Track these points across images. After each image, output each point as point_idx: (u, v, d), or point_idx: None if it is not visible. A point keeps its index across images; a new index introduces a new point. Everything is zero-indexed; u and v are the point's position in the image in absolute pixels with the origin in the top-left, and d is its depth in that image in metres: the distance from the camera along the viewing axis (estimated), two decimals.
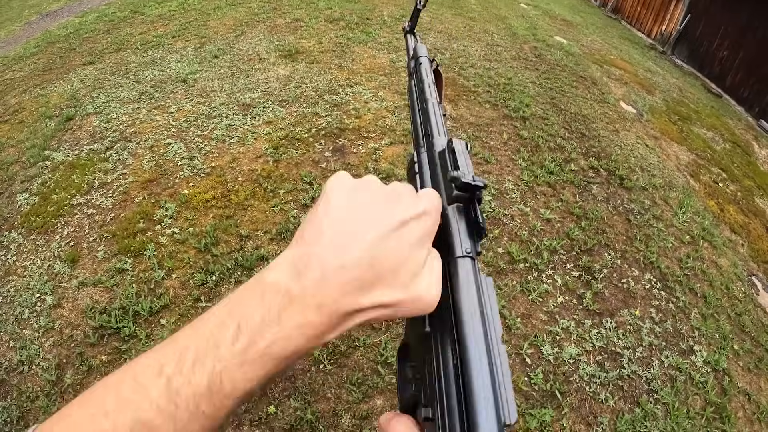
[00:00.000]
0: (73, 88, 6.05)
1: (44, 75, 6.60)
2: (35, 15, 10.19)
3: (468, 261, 0.50)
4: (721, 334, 3.67)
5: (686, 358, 3.36)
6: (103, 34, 7.99)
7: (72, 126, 5.20)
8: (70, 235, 3.77)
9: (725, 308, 3.98)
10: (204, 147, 4.68)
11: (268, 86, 5.85)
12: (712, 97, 10.88)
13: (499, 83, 6.59)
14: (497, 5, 12.28)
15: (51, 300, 3.27)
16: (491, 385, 0.41)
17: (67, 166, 4.53)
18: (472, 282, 0.48)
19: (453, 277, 0.49)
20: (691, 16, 13.42)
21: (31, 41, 8.24)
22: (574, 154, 5.27)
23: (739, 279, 4.46)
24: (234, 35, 7.56)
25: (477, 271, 0.50)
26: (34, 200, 4.16)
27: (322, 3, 9.53)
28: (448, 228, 0.54)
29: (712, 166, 6.61)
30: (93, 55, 7.06)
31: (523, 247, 3.78)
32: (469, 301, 0.47)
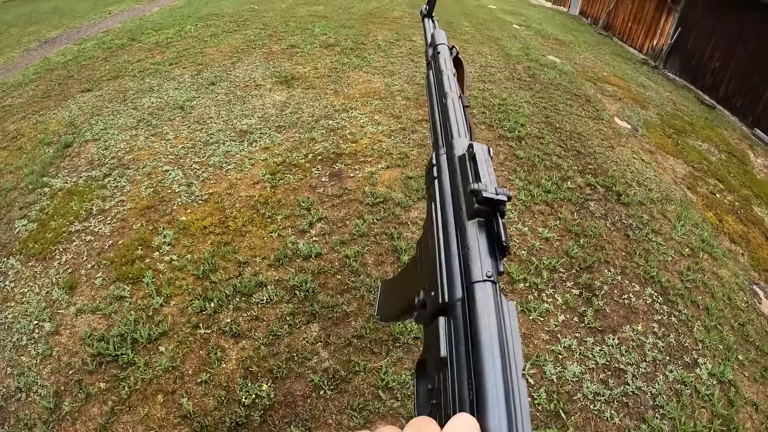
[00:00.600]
0: (72, 115, 6.14)
1: (43, 102, 6.71)
2: (34, 42, 10.39)
3: (488, 285, 0.47)
4: (725, 346, 3.66)
5: (691, 371, 3.35)
6: (102, 61, 8.13)
7: (70, 153, 5.26)
8: (68, 262, 3.79)
9: (728, 319, 3.96)
10: (202, 174, 4.72)
11: (265, 112, 5.93)
12: (705, 109, 10.95)
13: (494, 104, 6.67)
14: (490, 27, 12.44)
15: (49, 327, 3.27)
16: (507, 426, 0.38)
17: (66, 192, 4.57)
18: (492, 309, 0.46)
19: (471, 303, 0.47)
20: (682, 30, 13.56)
21: (30, 68, 8.38)
22: (570, 172, 5.31)
23: (741, 289, 4.45)
24: (230, 62, 7.68)
25: (498, 297, 0.47)
26: (32, 227, 4.18)
27: (317, 29, 9.71)
28: (468, 247, 0.51)
29: (708, 177, 6.64)
30: (91, 82, 7.18)
31: (522, 266, 3.80)
32: (488, 330, 0.44)
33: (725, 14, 12.02)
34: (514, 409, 0.39)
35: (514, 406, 0.39)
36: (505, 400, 0.39)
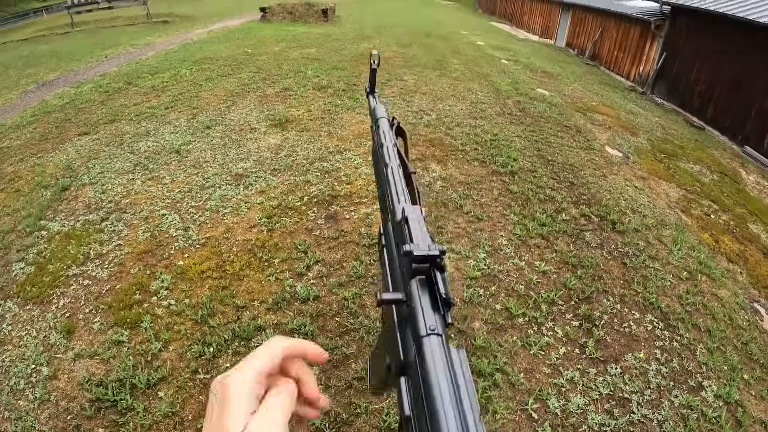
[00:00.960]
0: (69, 158, 6.21)
1: (40, 144, 6.80)
2: (32, 84, 10.60)
3: (434, 339, 0.48)
4: (729, 366, 3.67)
5: (696, 394, 3.35)
6: (98, 104, 8.28)
7: (68, 196, 5.31)
8: (66, 306, 3.79)
9: (730, 339, 3.97)
10: (198, 218, 4.77)
11: (260, 156, 6.02)
12: (695, 131, 11.11)
13: (485, 140, 6.79)
14: (479, 63, 12.67)
15: (47, 371, 3.26)
16: None
17: (63, 236, 4.60)
18: (440, 361, 0.46)
19: (420, 359, 0.47)
20: (667, 55, 13.85)
21: (28, 110, 8.54)
22: (564, 204, 5.39)
23: (742, 308, 4.47)
24: (225, 106, 7.83)
25: (446, 348, 0.48)
26: (29, 270, 4.19)
27: (310, 71, 9.92)
28: (411, 306, 0.52)
29: (702, 198, 6.72)
30: (88, 125, 7.30)
31: (520, 301, 3.84)
32: (437, 382, 0.44)
33: (708, 37, 12.30)
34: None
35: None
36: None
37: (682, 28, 13.49)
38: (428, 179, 5.56)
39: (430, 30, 19.41)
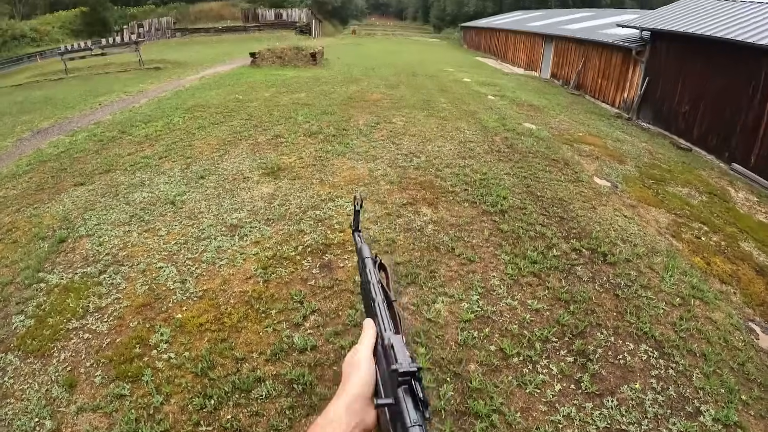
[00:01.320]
0: (65, 209, 6.24)
1: (36, 195, 6.83)
2: (27, 132, 10.65)
3: (416, 429, 0.61)
4: (726, 388, 3.69)
5: (694, 420, 3.38)
6: (93, 154, 8.35)
7: (65, 248, 5.32)
8: (67, 359, 3.80)
9: (726, 361, 4.00)
10: (195, 270, 4.79)
11: (254, 205, 6.08)
12: (681, 153, 11.26)
13: (475, 179, 6.92)
14: (466, 101, 12.89)
15: (50, 425, 3.25)
16: None
17: (62, 289, 4.61)
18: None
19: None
20: (649, 80, 14.09)
21: (24, 159, 8.59)
22: (555, 239, 5.48)
23: (737, 328, 4.50)
24: (218, 155, 7.91)
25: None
26: (29, 323, 4.19)
27: (300, 117, 10.08)
28: (400, 408, 0.65)
29: (692, 221, 6.81)
30: (84, 175, 7.35)
31: (514, 341, 3.90)
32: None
33: (688, 59, 12.56)
34: None
35: None
36: None
37: (663, 53, 13.79)
38: (419, 224, 5.65)
39: (417, 69, 19.79)
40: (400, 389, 0.68)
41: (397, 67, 19.99)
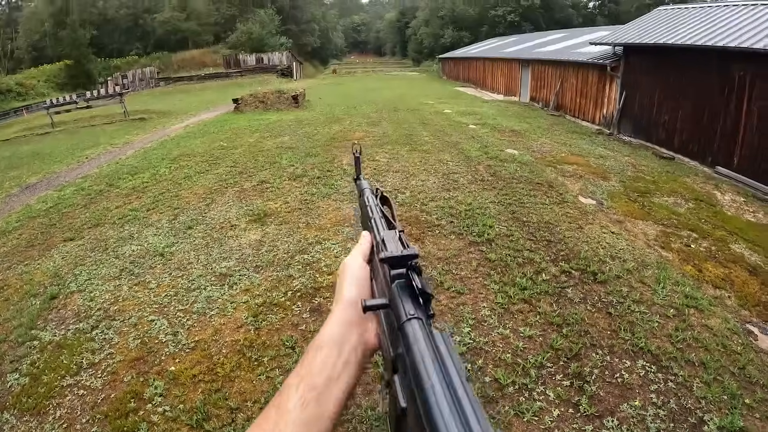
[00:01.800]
0: (56, 265, 6.20)
1: (27, 251, 6.80)
2: (15, 187, 10.63)
3: (414, 322, 0.53)
4: (729, 394, 3.67)
5: (698, 431, 3.36)
6: (81, 208, 8.33)
7: (57, 305, 5.28)
8: (63, 416, 3.75)
9: (726, 367, 3.98)
10: (186, 321, 4.76)
11: (242, 253, 6.05)
12: (665, 162, 11.36)
13: (460, 211, 6.94)
14: (448, 132, 13.00)
15: None
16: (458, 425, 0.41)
17: (55, 346, 4.57)
18: (420, 338, 0.50)
19: (404, 342, 0.52)
20: (626, 94, 14.29)
21: (13, 215, 8.56)
22: (543, 264, 5.49)
23: (734, 332, 4.49)
24: (205, 203, 7.91)
25: (427, 329, 0.52)
26: (24, 381, 4.14)
27: (285, 161, 10.12)
28: (393, 304, 0.57)
29: (680, 230, 6.86)
30: (73, 230, 7.33)
31: (509, 370, 3.87)
32: (420, 354, 0.48)
33: (663, 69, 12.79)
34: (463, 411, 0.42)
35: (462, 408, 0.42)
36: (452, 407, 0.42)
37: (637, 66, 14.04)
38: None
39: (398, 104, 20.00)
40: (393, 285, 0.60)
41: (378, 104, 20.21)
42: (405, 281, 0.59)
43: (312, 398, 0.59)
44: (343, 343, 0.65)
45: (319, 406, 0.59)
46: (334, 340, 0.65)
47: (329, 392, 0.61)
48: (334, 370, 0.62)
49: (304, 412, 0.59)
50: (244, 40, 48.76)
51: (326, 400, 0.60)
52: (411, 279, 0.59)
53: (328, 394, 0.61)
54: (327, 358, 0.63)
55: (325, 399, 0.60)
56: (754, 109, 9.79)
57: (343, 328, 0.67)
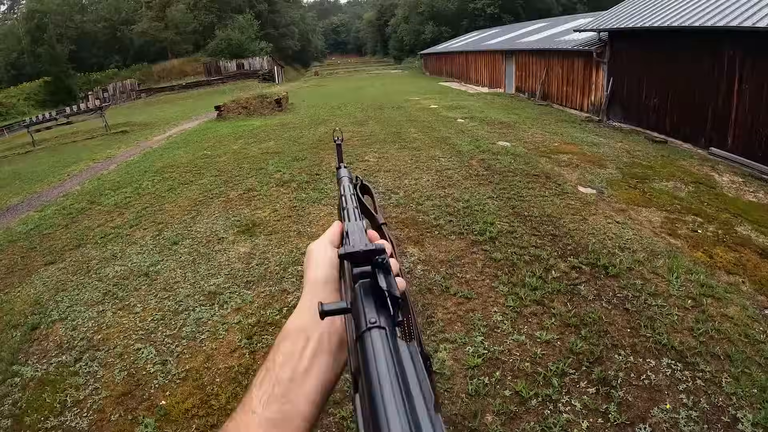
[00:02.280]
0: (36, 292, 5.88)
1: (7, 278, 6.47)
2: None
3: (374, 333, 0.44)
4: (759, 388, 3.50)
5: (733, 430, 3.18)
6: (63, 229, 8.00)
7: (38, 336, 4.97)
8: None
9: (752, 358, 3.82)
10: (175, 348, 4.47)
11: (231, 268, 5.79)
12: (658, 146, 11.24)
13: (458, 209, 6.73)
14: (437, 128, 12.85)
15: None
16: None
17: (37, 382, 4.27)
18: (380, 351, 0.42)
19: (361, 356, 0.43)
20: (614, 79, 14.14)
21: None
22: (551, 260, 5.28)
23: (755, 320, 4.33)
24: (190, 216, 7.64)
25: (390, 341, 0.44)
26: (7, 423, 3.87)
27: (271, 167, 9.90)
28: (354, 308, 0.49)
29: (684, 215, 6.69)
30: (54, 253, 6.99)
31: (529, 381, 3.64)
32: (377, 375, 0.39)
33: (650, 52, 12.65)
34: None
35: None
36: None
37: (623, 51, 13.86)
38: (407, 265, 5.41)
39: (382, 102, 19.85)
40: (357, 286, 0.51)
41: (363, 103, 20.03)
42: (370, 281, 0.51)
43: (277, 395, 0.53)
44: (310, 330, 0.58)
45: (287, 404, 0.52)
46: (300, 327, 0.59)
47: (298, 388, 0.54)
48: (301, 361, 0.55)
49: (267, 410, 0.52)
50: (224, 47, 48.31)
51: (295, 396, 0.53)
52: (374, 278, 0.50)
53: (296, 390, 0.54)
54: (293, 348, 0.57)
55: (294, 396, 0.53)
56: (746, 89, 9.61)
57: (310, 314, 0.59)
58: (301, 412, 0.52)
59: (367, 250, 0.52)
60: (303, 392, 0.53)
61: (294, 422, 0.51)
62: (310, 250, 0.69)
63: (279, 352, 0.56)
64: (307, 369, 0.55)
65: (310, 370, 0.55)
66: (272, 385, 0.53)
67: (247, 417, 0.52)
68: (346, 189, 0.87)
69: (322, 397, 0.55)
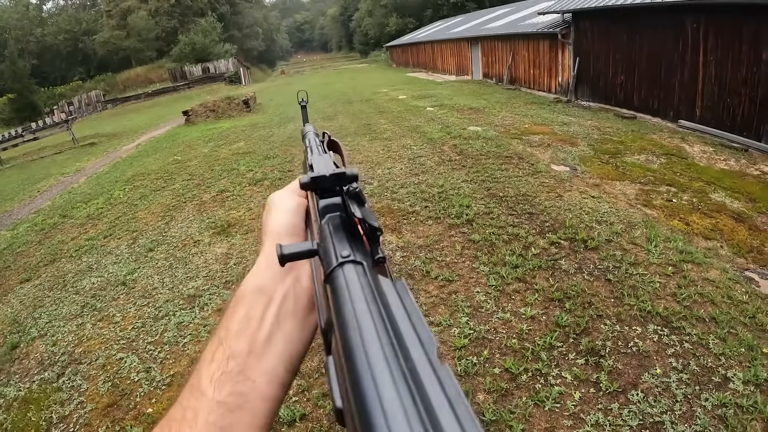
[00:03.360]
0: (14, 311, 5.72)
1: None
2: None
3: (348, 268, 0.35)
4: (746, 347, 3.53)
5: (725, 389, 3.19)
6: (36, 245, 7.80)
7: (19, 354, 4.84)
8: None
9: (737, 318, 3.85)
10: (158, 355, 4.37)
11: (209, 270, 5.69)
12: (628, 122, 11.33)
13: (433, 194, 6.70)
14: (406, 117, 12.83)
15: None
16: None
17: (21, 402, 4.14)
18: (356, 291, 0.33)
19: (332, 300, 0.34)
20: (580, 59, 14.22)
21: None
22: (530, 237, 5.27)
23: (736, 281, 4.38)
24: (164, 222, 7.51)
25: (368, 276, 0.35)
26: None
27: (243, 167, 9.80)
28: (323, 247, 0.40)
29: (658, 186, 6.74)
30: (29, 270, 6.81)
31: (518, 357, 3.61)
32: (355, 317, 0.30)
33: (614, 31, 12.74)
34: (432, 417, 0.22)
35: (431, 413, 0.22)
36: (411, 410, 0.23)
37: (588, 30, 13.93)
38: (387, 253, 5.29)
39: (351, 96, 19.81)
40: (323, 221, 0.43)
41: (331, 98, 19.92)
42: (340, 215, 0.44)
43: (232, 372, 0.43)
44: (271, 290, 0.48)
45: (244, 382, 0.43)
46: (258, 288, 0.49)
47: (257, 362, 0.44)
48: (260, 329, 0.46)
49: (221, 391, 0.43)
50: (188, 52, 47.68)
51: (254, 373, 0.44)
52: (346, 205, 0.43)
53: (255, 364, 0.44)
54: (250, 313, 0.47)
55: (253, 371, 0.44)
56: (711, 59, 9.71)
57: (271, 272, 0.49)
58: (261, 392, 0.43)
59: (335, 174, 0.45)
60: (263, 367, 0.44)
61: (253, 404, 0.43)
62: (270, 199, 0.59)
63: (233, 318, 0.47)
64: (267, 338, 0.46)
65: (271, 340, 0.46)
66: (226, 360, 0.44)
67: (196, 401, 0.43)
68: (312, 141, 0.78)
69: (288, 373, 0.46)
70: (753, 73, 8.58)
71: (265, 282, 0.49)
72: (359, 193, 0.44)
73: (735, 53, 8.97)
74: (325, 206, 0.45)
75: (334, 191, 0.46)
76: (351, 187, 0.44)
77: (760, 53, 8.35)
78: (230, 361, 0.44)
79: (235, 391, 0.42)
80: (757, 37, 8.40)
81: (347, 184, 0.45)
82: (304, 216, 0.56)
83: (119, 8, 50.62)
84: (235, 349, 0.44)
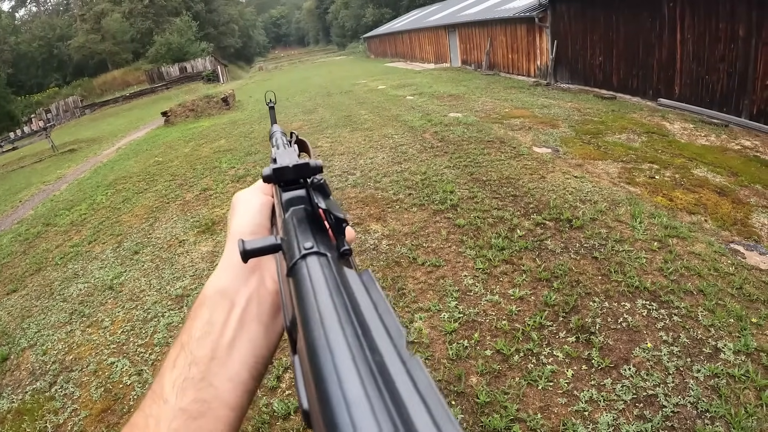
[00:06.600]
0: (2, 322, 5.64)
1: None
2: None
3: (311, 260, 0.34)
4: (734, 317, 3.57)
5: (716, 360, 3.21)
6: (21, 255, 7.69)
7: (9, 366, 4.76)
8: None
9: (725, 290, 3.89)
10: (149, 357, 4.32)
11: (196, 269, 5.65)
12: (608, 102, 11.37)
13: (416, 181, 6.68)
14: (387, 107, 12.80)
15: None
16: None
17: (15, 414, 4.08)
18: (318, 282, 0.32)
19: (294, 294, 0.33)
20: (558, 42, 14.25)
21: None
22: (515, 220, 5.26)
23: (722, 254, 4.43)
24: (148, 224, 7.43)
25: (332, 267, 0.34)
26: None
27: (225, 164, 9.72)
28: (287, 240, 0.39)
29: (640, 164, 6.78)
30: (15, 281, 6.70)
31: (509, 338, 3.60)
32: (318, 310, 0.29)
33: (590, 12, 12.80)
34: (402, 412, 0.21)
35: (400, 408, 0.21)
36: (377, 407, 0.22)
37: (564, 13, 13.96)
38: (372, 242, 5.33)
39: (330, 88, 19.72)
40: (287, 215, 0.43)
41: (311, 92, 19.83)
42: (305, 208, 0.43)
43: (195, 378, 0.42)
44: (234, 293, 0.47)
45: (207, 389, 0.41)
46: (221, 290, 0.47)
47: (220, 368, 0.43)
48: (224, 334, 0.44)
49: (182, 398, 0.41)
50: (164, 52, 47.09)
51: (217, 379, 0.42)
52: (309, 196, 0.43)
53: (218, 370, 0.42)
54: (213, 318, 0.45)
55: (216, 378, 0.42)
56: (689, 37, 9.75)
57: (233, 274, 0.48)
58: (225, 400, 0.41)
59: (298, 165, 0.44)
60: (227, 373, 0.43)
61: (217, 412, 0.41)
62: (235, 198, 0.57)
63: (196, 323, 0.46)
64: (231, 343, 0.44)
65: (234, 345, 0.44)
66: (188, 366, 0.43)
67: (158, 408, 0.42)
68: (279, 140, 0.78)
69: (253, 379, 0.44)
70: (730, 49, 8.63)
71: (228, 285, 0.48)
72: (324, 184, 0.43)
73: (712, 30, 9.01)
74: (289, 199, 0.45)
75: (298, 183, 0.46)
76: (315, 179, 0.44)
77: (737, 29, 8.39)
78: (192, 368, 0.43)
79: (198, 398, 0.41)
80: (733, 13, 8.44)
81: (311, 175, 0.44)
82: (269, 215, 0.54)
83: (93, 12, 49.79)
84: (198, 354, 0.43)
